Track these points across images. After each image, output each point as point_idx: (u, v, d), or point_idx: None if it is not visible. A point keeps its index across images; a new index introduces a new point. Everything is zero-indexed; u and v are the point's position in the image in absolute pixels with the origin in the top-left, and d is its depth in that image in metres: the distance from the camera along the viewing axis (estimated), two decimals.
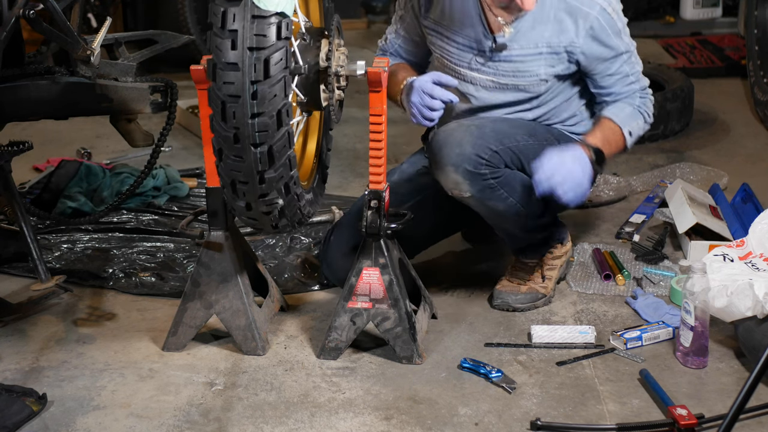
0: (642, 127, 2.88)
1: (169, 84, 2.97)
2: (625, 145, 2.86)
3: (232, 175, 2.39)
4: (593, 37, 2.76)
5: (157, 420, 2.48)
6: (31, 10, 2.58)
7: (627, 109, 2.86)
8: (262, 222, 2.49)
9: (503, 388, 2.58)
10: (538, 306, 2.98)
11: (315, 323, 2.93)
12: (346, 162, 4.21)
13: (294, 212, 2.50)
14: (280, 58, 2.29)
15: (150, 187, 3.81)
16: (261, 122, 2.30)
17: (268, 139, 2.32)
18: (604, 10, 2.75)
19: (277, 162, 2.36)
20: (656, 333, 2.78)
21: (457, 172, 2.70)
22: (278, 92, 2.30)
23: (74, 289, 3.09)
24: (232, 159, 2.36)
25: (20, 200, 2.84)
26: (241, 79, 2.28)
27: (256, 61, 2.27)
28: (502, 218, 2.85)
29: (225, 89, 2.29)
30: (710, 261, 2.82)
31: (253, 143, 2.32)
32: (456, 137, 2.72)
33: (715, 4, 6.61)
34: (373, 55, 3.03)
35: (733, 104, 4.99)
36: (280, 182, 2.39)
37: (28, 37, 2.91)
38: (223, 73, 2.29)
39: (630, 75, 2.85)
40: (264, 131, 2.31)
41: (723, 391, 2.56)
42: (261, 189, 2.39)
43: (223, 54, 2.28)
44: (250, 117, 2.30)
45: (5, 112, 2.84)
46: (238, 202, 2.45)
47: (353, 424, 2.46)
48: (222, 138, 2.34)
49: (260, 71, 2.28)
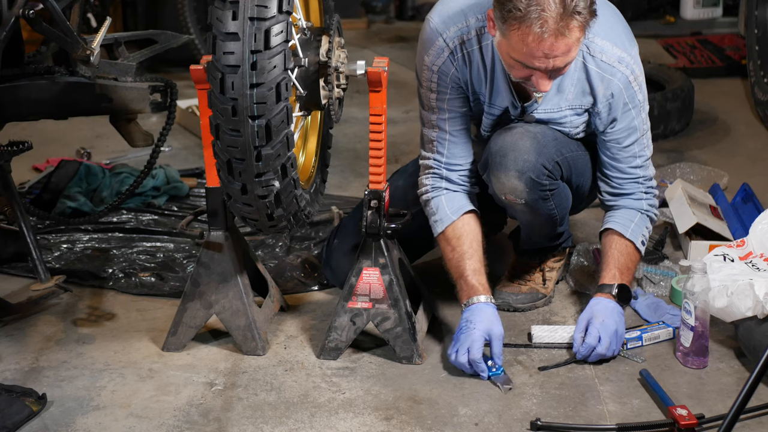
0: (650, 229, 2.85)
1: (169, 84, 2.97)
2: (640, 256, 2.84)
3: (229, 152, 2.36)
4: (611, 105, 2.70)
5: (157, 420, 2.48)
6: (30, 9, 2.58)
7: (635, 217, 2.80)
8: (258, 209, 2.45)
9: (498, 387, 2.58)
10: (539, 306, 2.99)
11: (315, 323, 2.93)
12: (346, 162, 4.20)
13: (290, 201, 2.46)
14: (280, 30, 2.29)
15: (150, 187, 3.80)
16: (260, 93, 2.29)
17: (267, 112, 2.31)
18: (626, 79, 2.67)
19: (275, 138, 2.34)
20: (656, 333, 2.78)
21: (521, 179, 2.67)
22: (278, 63, 2.30)
23: (74, 289, 3.09)
24: (229, 134, 2.34)
25: (20, 200, 2.84)
26: (241, 49, 2.28)
27: (257, 31, 2.27)
28: (535, 224, 2.86)
29: (224, 59, 2.29)
30: (710, 261, 2.82)
31: (251, 115, 2.31)
32: (523, 144, 2.67)
33: (715, 4, 6.62)
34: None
35: (734, 104, 4.99)
36: (277, 161, 2.36)
37: (28, 37, 2.91)
38: (222, 44, 2.29)
39: (638, 157, 2.78)
40: (262, 103, 2.30)
41: (723, 391, 2.56)
42: (258, 167, 2.36)
43: (223, 24, 2.28)
44: (249, 87, 2.29)
45: (5, 112, 2.84)
46: (233, 185, 2.41)
47: (353, 424, 2.46)
48: (220, 111, 2.34)
49: (260, 41, 2.28)
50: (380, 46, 6.39)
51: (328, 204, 3.62)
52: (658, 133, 4.44)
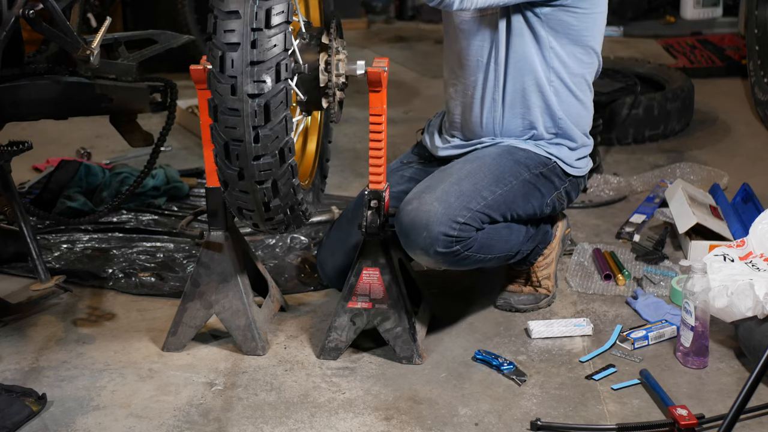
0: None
1: (169, 84, 2.97)
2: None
3: (227, 133, 2.34)
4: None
5: (156, 420, 2.48)
6: (30, 9, 2.58)
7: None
8: (255, 197, 2.42)
9: (513, 380, 2.58)
10: (542, 306, 2.98)
11: (315, 323, 2.93)
12: (346, 162, 4.21)
13: (288, 190, 2.43)
14: (281, 10, 2.28)
15: (150, 187, 3.80)
16: (259, 71, 2.29)
17: (266, 91, 2.31)
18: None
19: (274, 119, 2.32)
20: (662, 331, 2.79)
21: (429, 255, 2.64)
22: (278, 42, 2.29)
23: (74, 289, 3.09)
24: (227, 113, 2.33)
25: (20, 200, 2.84)
26: (242, 26, 2.28)
27: (258, 9, 2.27)
28: (486, 267, 2.87)
29: (224, 37, 2.29)
30: (710, 261, 2.82)
31: (251, 93, 2.30)
32: (422, 218, 2.61)
33: (715, 4, 6.62)
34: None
35: (733, 104, 4.99)
36: (276, 143, 2.35)
37: (28, 37, 2.91)
38: (223, 22, 2.29)
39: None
40: (262, 81, 2.29)
41: (723, 391, 2.56)
42: (256, 149, 2.34)
43: (224, 3, 2.28)
44: (248, 64, 2.28)
45: (5, 112, 2.83)
46: (230, 170, 2.39)
47: (353, 424, 2.46)
48: (219, 90, 2.33)
49: (261, 19, 2.28)
50: (380, 46, 6.39)
51: (328, 204, 3.63)
52: (658, 133, 4.45)
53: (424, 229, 2.61)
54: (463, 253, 2.67)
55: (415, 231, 2.63)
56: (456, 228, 2.62)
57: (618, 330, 2.83)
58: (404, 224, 2.66)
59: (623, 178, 3.89)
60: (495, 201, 2.72)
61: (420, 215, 2.62)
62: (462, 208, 2.65)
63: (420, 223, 2.62)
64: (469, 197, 2.68)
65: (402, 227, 2.66)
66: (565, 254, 3.29)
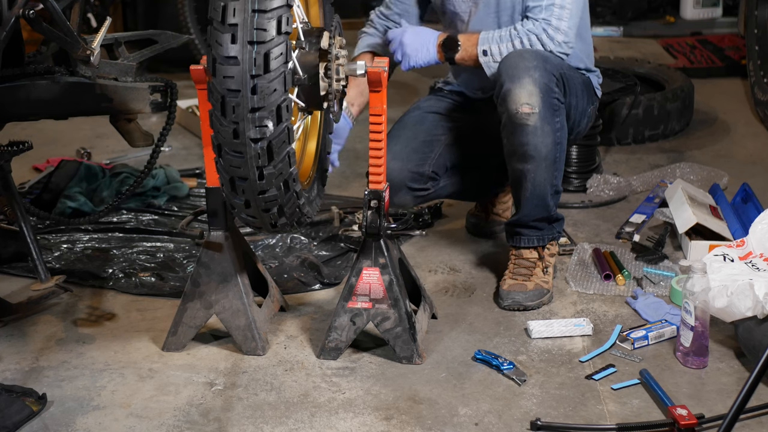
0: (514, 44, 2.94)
1: (169, 84, 2.96)
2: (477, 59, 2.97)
3: (231, 171, 2.36)
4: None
5: (157, 420, 2.48)
6: (31, 10, 2.57)
7: (503, 32, 2.95)
8: (262, 220, 2.46)
9: (513, 380, 2.59)
10: (545, 303, 2.99)
11: (315, 323, 2.93)
12: (346, 162, 4.20)
13: (293, 211, 2.47)
14: (280, 53, 2.27)
15: (150, 187, 3.81)
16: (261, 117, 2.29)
17: (268, 134, 2.31)
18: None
19: (277, 158, 2.34)
20: (662, 331, 2.79)
21: (535, 84, 2.82)
22: (278, 87, 2.29)
23: (74, 289, 3.09)
24: (231, 154, 2.34)
25: (20, 200, 2.84)
26: (241, 73, 2.27)
27: (257, 55, 2.26)
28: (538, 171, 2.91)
29: (224, 83, 2.28)
30: (710, 261, 2.82)
31: (253, 138, 2.31)
32: (530, 62, 2.84)
33: (715, 4, 6.62)
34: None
35: (733, 104, 4.99)
36: (280, 178, 2.36)
37: (28, 37, 2.91)
38: (222, 67, 2.28)
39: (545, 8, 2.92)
40: (264, 126, 2.29)
41: (723, 391, 2.56)
42: (260, 185, 2.37)
43: (222, 48, 2.27)
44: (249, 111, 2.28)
45: (5, 112, 2.83)
46: (237, 200, 2.42)
47: (353, 424, 2.46)
48: (221, 133, 2.33)
49: (260, 65, 2.26)
50: None
51: (328, 204, 3.63)
52: (658, 133, 4.44)
53: (534, 67, 2.84)
54: (556, 100, 2.87)
55: (526, 62, 2.85)
56: (558, 74, 2.88)
57: (618, 330, 2.83)
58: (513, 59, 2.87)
59: (623, 178, 3.89)
60: (570, 78, 2.97)
61: (529, 62, 2.84)
62: (558, 67, 2.91)
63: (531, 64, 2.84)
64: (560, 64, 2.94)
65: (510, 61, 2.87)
66: (565, 254, 3.29)
